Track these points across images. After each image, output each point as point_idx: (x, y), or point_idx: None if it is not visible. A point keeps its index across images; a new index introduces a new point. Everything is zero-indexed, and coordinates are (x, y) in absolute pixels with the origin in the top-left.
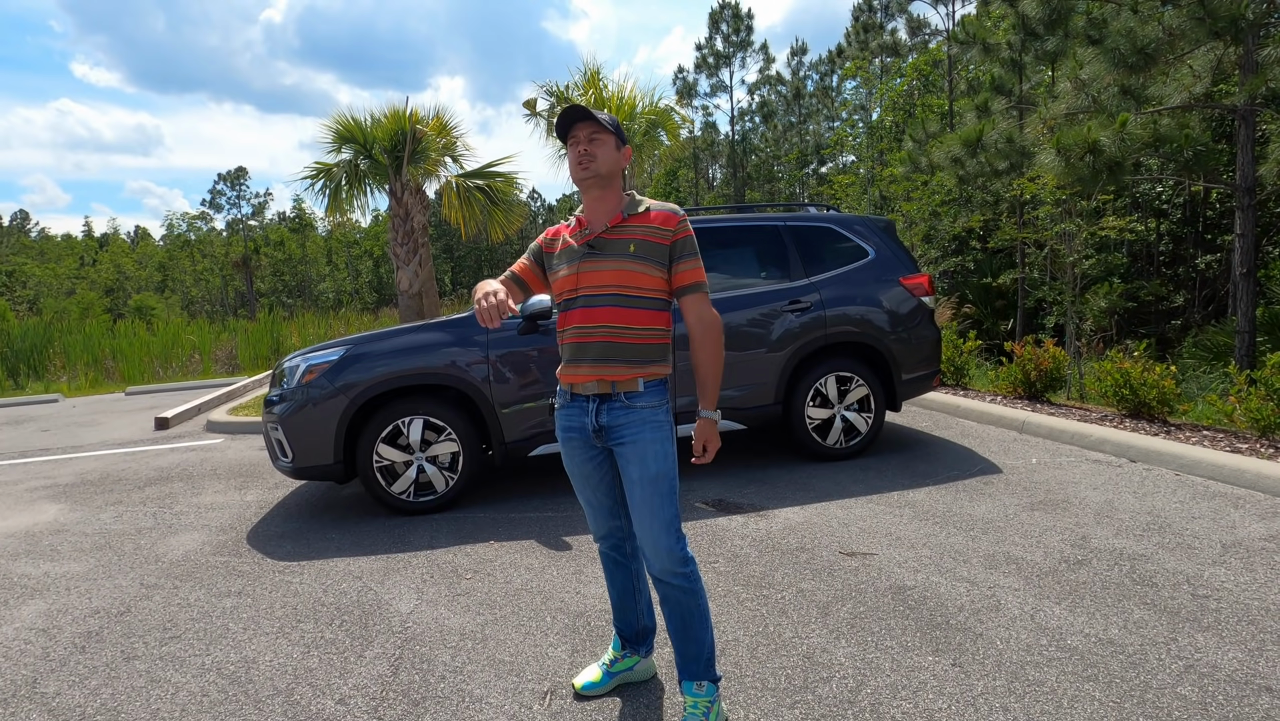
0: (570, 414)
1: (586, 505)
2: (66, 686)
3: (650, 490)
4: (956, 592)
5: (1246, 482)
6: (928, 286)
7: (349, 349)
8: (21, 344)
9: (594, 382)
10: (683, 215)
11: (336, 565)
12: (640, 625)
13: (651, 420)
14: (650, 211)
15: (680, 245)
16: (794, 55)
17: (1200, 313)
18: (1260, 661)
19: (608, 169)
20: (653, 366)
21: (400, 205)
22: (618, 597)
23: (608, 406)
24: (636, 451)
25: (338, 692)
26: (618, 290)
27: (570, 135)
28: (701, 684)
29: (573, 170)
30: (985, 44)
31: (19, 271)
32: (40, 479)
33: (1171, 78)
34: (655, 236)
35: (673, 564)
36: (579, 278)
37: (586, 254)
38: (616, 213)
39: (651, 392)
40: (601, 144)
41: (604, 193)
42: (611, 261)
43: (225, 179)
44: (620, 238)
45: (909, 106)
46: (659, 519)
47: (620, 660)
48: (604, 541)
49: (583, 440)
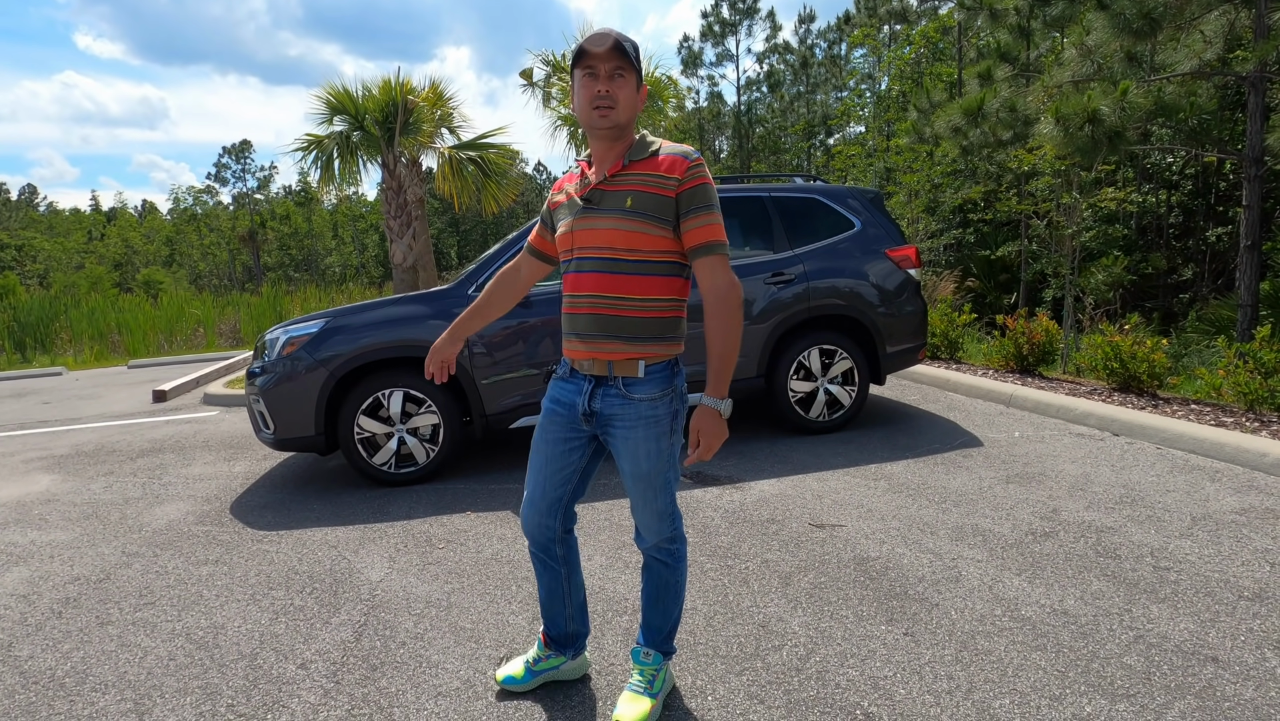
0: (565, 388)
1: (530, 488)
2: (40, 650)
3: (643, 485)
4: (919, 564)
5: (1226, 456)
6: (914, 259)
7: (329, 321)
8: (28, 317)
9: (590, 361)
10: (696, 159)
11: (314, 535)
12: (568, 629)
13: (649, 416)
14: (659, 155)
15: (689, 195)
16: (802, 23)
17: (1209, 286)
18: (1211, 632)
19: (627, 116)
20: (655, 345)
21: (393, 178)
22: (545, 598)
23: (603, 391)
24: (628, 448)
25: (300, 657)
26: (609, 253)
27: (586, 64)
28: (649, 652)
29: (584, 113)
30: (992, 10)
31: (28, 246)
32: (37, 450)
33: (1182, 44)
34: (658, 187)
35: (662, 541)
36: (574, 236)
37: (583, 208)
38: (619, 158)
39: (653, 380)
40: (624, 84)
41: (616, 142)
42: (605, 218)
43: (230, 152)
44: (618, 189)
45: (917, 75)
46: (650, 509)
47: (544, 659)
48: (533, 540)
49: (567, 418)
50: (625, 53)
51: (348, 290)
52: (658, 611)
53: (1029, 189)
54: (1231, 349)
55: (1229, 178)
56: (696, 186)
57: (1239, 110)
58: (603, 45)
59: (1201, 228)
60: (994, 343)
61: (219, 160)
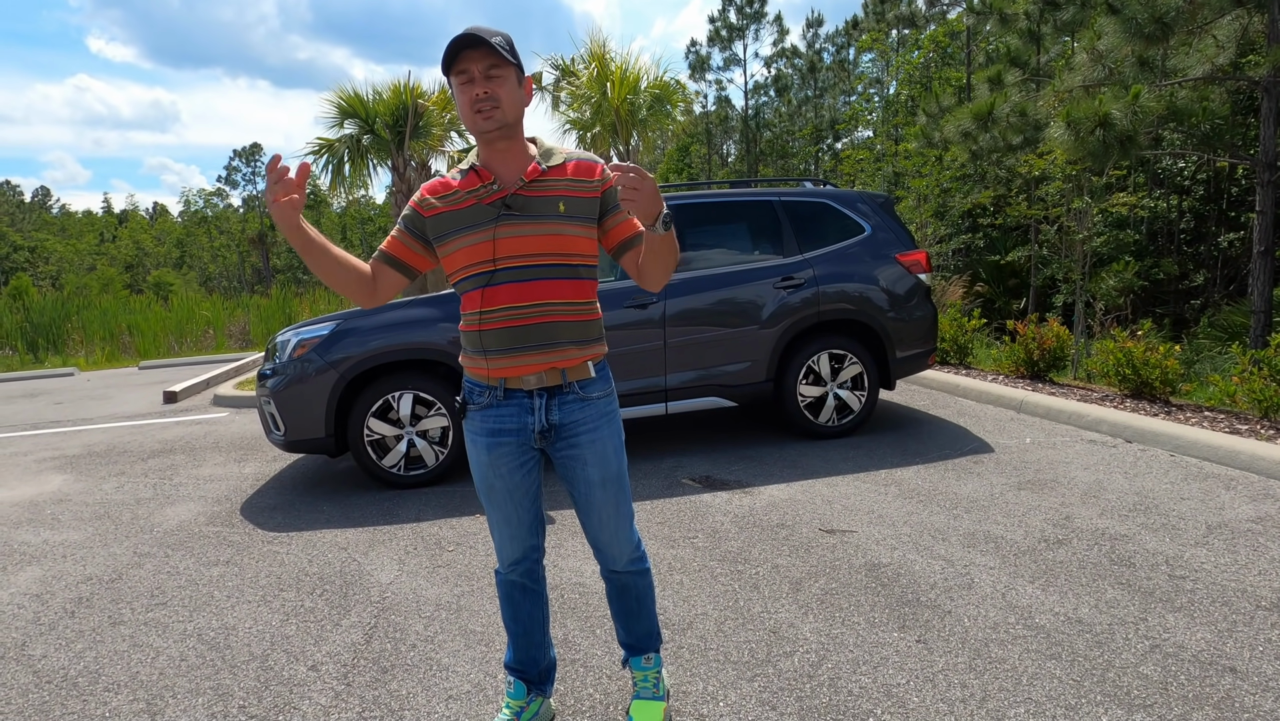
0: (504, 414)
1: (506, 524)
2: (53, 649)
3: (615, 489)
4: (931, 570)
5: (1241, 464)
6: (925, 264)
7: (339, 324)
8: (41, 318)
9: (540, 374)
10: (600, 161)
11: (324, 536)
12: (547, 660)
13: (607, 412)
14: (568, 163)
15: (611, 194)
16: (809, 27)
17: (1221, 292)
18: (1228, 642)
19: (515, 114)
20: (597, 345)
21: (403, 180)
22: (524, 633)
23: (559, 401)
24: (596, 452)
25: (311, 659)
26: (544, 259)
27: (458, 69)
28: (649, 656)
29: (468, 118)
30: (1002, 14)
31: (41, 247)
32: (49, 450)
33: (1194, 49)
34: (582, 190)
35: (633, 553)
36: (495, 246)
37: (503, 216)
38: (530, 163)
39: (602, 378)
40: (502, 81)
41: (511, 143)
42: (539, 225)
43: (240, 155)
44: (543, 195)
45: (925, 80)
46: (623, 515)
47: (526, 709)
48: (517, 567)
49: (518, 444)
50: (496, 49)
51: None
52: (643, 619)
53: (1039, 194)
54: (1246, 355)
55: (1241, 183)
56: (614, 186)
57: (1252, 115)
58: (472, 46)
59: (1214, 233)
60: (1004, 348)
61: (229, 163)
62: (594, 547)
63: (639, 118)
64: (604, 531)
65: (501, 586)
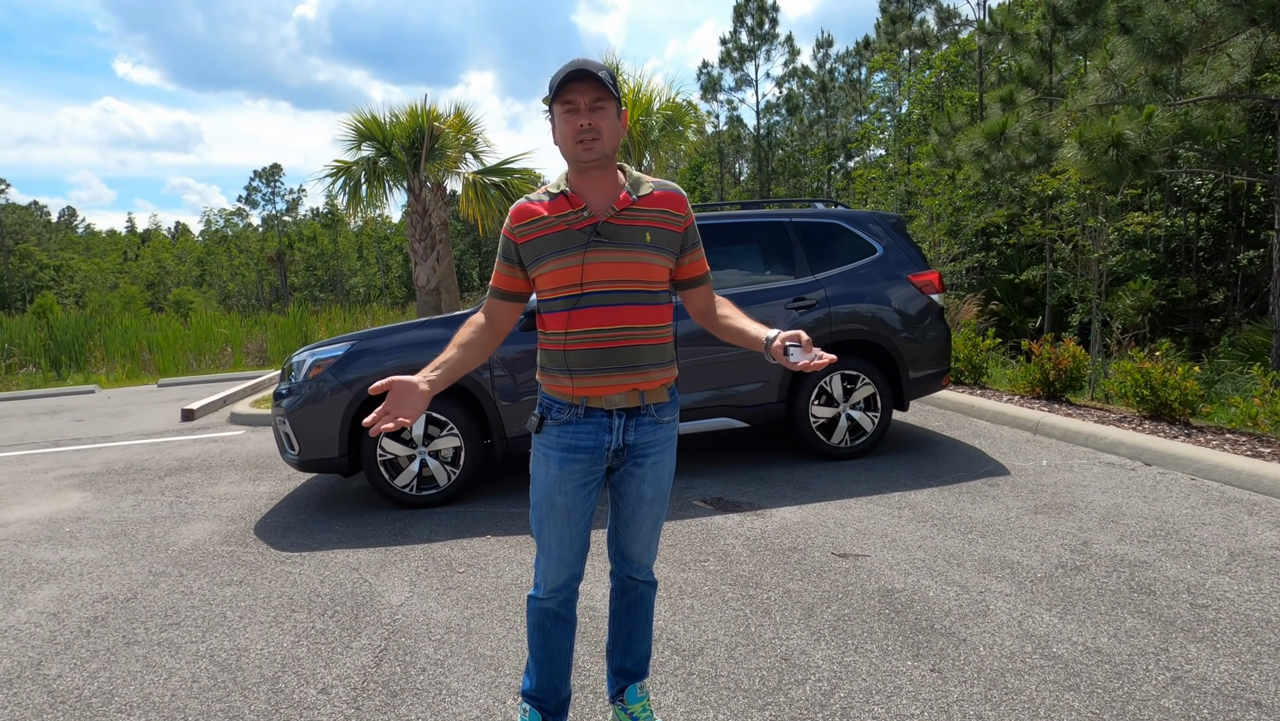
0: (582, 432)
1: (558, 545)
2: (68, 669)
3: (660, 506)
4: (945, 597)
5: (1264, 489)
6: (937, 284)
7: (354, 344)
8: (64, 336)
9: (624, 394)
10: (685, 194)
11: (336, 556)
12: (566, 690)
13: (673, 436)
14: (655, 193)
15: (691, 231)
16: (820, 48)
17: (1241, 310)
18: (1253, 674)
19: (613, 146)
20: (672, 367)
21: (419, 202)
22: (550, 661)
23: (635, 423)
24: (655, 473)
25: (321, 682)
26: (629, 285)
27: (564, 99)
28: (643, 684)
29: (567, 147)
30: (1014, 34)
31: (66, 266)
32: (69, 467)
33: (1209, 67)
34: (668, 223)
35: (651, 563)
36: (584, 270)
37: (593, 242)
38: (621, 192)
39: (674, 401)
40: (605, 114)
41: (604, 172)
42: (626, 252)
43: (260, 175)
44: (632, 224)
45: (937, 99)
46: (658, 529)
47: None
48: (558, 595)
49: (590, 463)
50: (603, 83)
51: (371, 310)
52: (645, 638)
53: (1053, 212)
54: (1267, 376)
55: (1260, 200)
56: (694, 222)
57: (1269, 132)
58: (580, 79)
59: (1232, 251)
60: (1019, 368)
61: (250, 183)
62: (621, 556)
63: (651, 139)
64: (637, 542)
65: (535, 613)
